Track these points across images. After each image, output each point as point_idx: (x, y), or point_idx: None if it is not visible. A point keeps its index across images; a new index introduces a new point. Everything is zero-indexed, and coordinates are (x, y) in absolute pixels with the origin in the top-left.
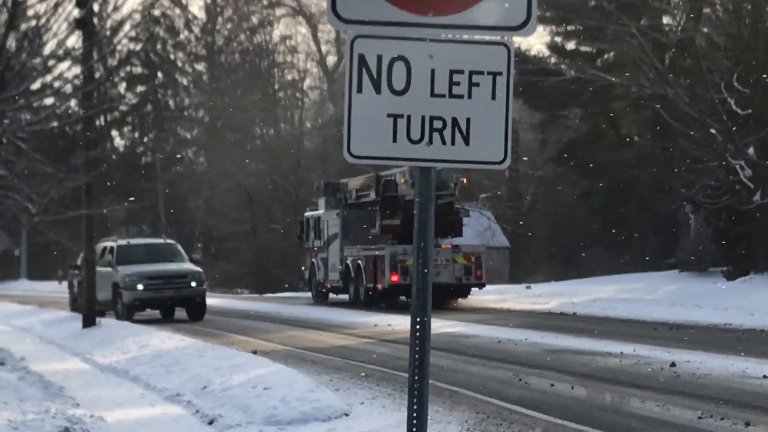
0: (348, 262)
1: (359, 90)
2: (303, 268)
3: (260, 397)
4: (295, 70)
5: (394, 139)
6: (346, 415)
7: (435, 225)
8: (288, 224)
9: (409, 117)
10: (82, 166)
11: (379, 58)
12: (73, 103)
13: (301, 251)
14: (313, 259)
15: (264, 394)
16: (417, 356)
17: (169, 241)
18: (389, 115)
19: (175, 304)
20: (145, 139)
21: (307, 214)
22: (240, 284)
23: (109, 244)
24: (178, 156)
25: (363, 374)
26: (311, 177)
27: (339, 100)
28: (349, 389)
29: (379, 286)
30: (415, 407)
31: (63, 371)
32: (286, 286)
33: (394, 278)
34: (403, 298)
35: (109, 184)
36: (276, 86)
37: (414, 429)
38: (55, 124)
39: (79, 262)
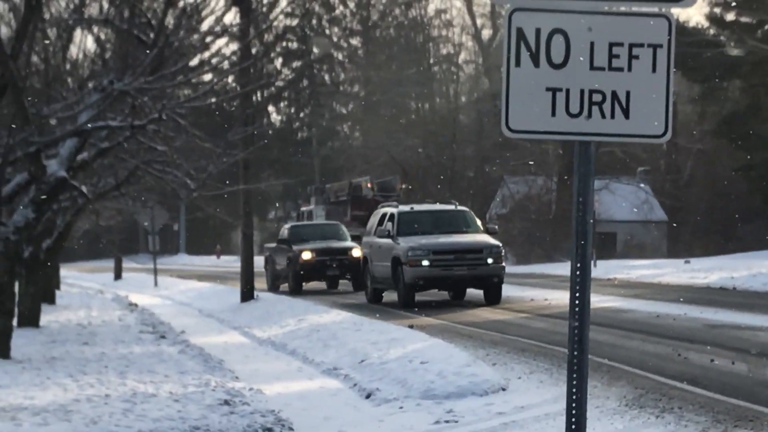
0: None
1: (517, 64)
2: None
3: (417, 372)
4: (450, 44)
5: (553, 113)
6: (503, 389)
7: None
8: (443, 199)
9: (567, 91)
10: (240, 142)
11: (538, 31)
12: (230, 79)
13: None
14: None
15: (421, 369)
16: (577, 331)
17: (461, 207)
18: (548, 89)
19: (467, 285)
20: (301, 115)
21: (303, 208)
22: None
23: (389, 210)
24: (334, 131)
25: (520, 348)
26: (467, 152)
27: (494, 74)
28: (506, 363)
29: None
30: (574, 382)
31: (222, 344)
32: None
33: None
34: None
35: (265, 159)
36: (431, 60)
37: (574, 403)
38: (213, 100)
39: (282, 235)
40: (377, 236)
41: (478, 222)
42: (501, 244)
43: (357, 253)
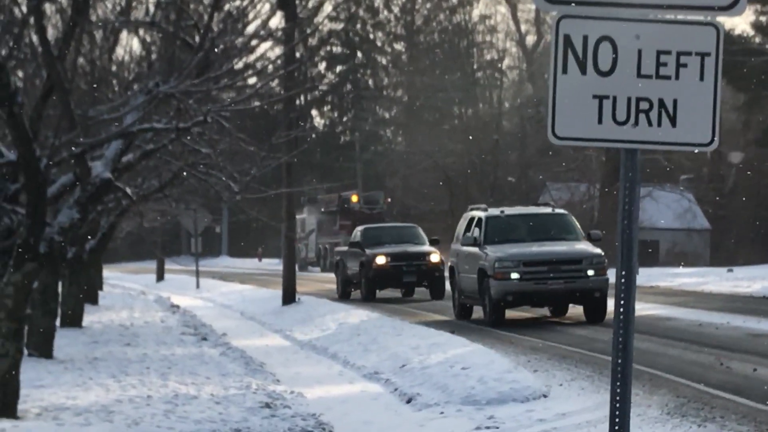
0: (320, 246)
1: (564, 71)
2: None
3: (458, 377)
4: (494, 49)
5: (599, 121)
6: (545, 396)
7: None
8: (487, 204)
9: (614, 98)
10: (283, 145)
11: (585, 39)
12: (274, 82)
13: None
14: (299, 244)
15: (462, 374)
16: (621, 339)
17: (559, 211)
18: (594, 96)
19: (564, 301)
20: (345, 119)
21: (298, 216)
22: None
23: (477, 214)
24: (377, 135)
25: (561, 355)
26: (509, 157)
27: (538, 80)
28: (548, 370)
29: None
30: (618, 389)
31: (263, 347)
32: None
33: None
34: None
35: (308, 163)
36: (474, 66)
37: (617, 411)
38: (257, 103)
39: (355, 238)
40: (463, 244)
41: (578, 227)
42: (603, 254)
43: (435, 258)
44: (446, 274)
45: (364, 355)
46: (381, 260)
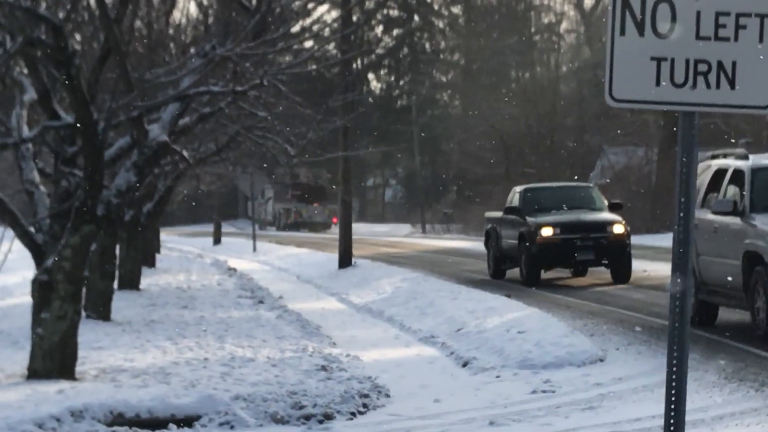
0: (276, 210)
1: (622, 32)
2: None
3: (514, 341)
4: (552, 12)
5: (657, 83)
6: (601, 360)
7: None
8: (544, 169)
9: (672, 60)
10: (340, 109)
11: (643, 1)
12: (331, 46)
13: None
14: (259, 209)
15: (518, 338)
16: (678, 302)
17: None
18: (652, 59)
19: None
20: (401, 82)
21: (263, 187)
22: None
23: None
24: (434, 99)
25: (618, 319)
26: (566, 121)
27: (596, 43)
28: (604, 334)
29: (289, 221)
30: (675, 354)
31: (319, 310)
32: None
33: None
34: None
35: (365, 126)
36: (532, 29)
37: (674, 375)
38: (314, 67)
39: (512, 201)
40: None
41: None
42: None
43: (619, 228)
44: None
45: (420, 318)
46: (547, 232)
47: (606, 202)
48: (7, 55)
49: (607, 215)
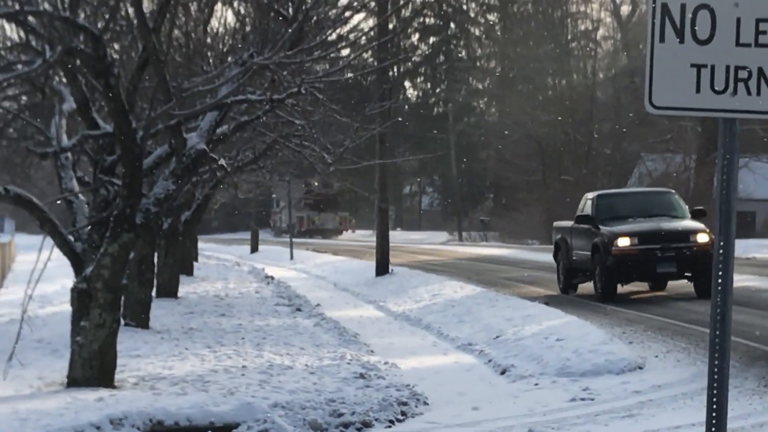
0: (292, 218)
1: (662, 39)
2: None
3: (552, 348)
4: (589, 20)
5: (698, 90)
6: (640, 368)
7: None
8: (581, 176)
9: (713, 67)
10: (376, 117)
11: (683, 7)
12: (367, 54)
13: None
14: (274, 217)
15: (556, 346)
16: (719, 310)
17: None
18: (692, 65)
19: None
20: (438, 90)
21: (274, 196)
22: (530, 235)
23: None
24: (470, 107)
25: (657, 327)
26: (603, 128)
27: (632, 50)
28: (643, 342)
29: (303, 228)
30: (716, 362)
31: (357, 318)
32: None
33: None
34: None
35: (401, 134)
36: (568, 36)
37: (715, 383)
38: (350, 74)
39: (584, 209)
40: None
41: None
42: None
43: (704, 237)
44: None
45: (457, 326)
46: (624, 242)
47: (687, 209)
48: (47, 64)
49: (690, 223)
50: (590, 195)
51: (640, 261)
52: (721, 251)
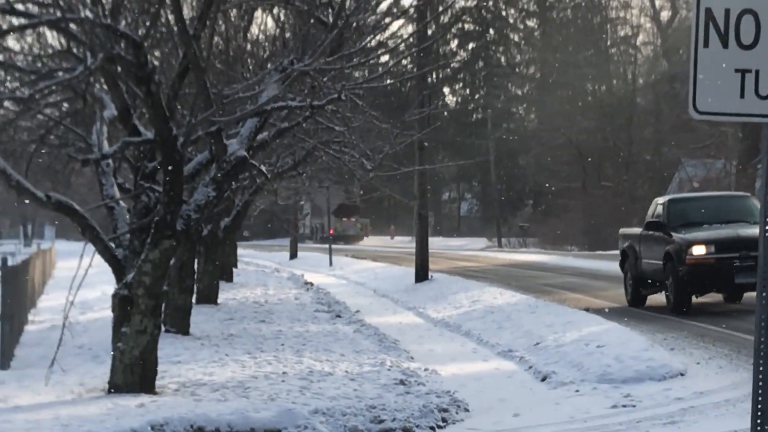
0: (313, 225)
1: (705, 44)
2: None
3: (593, 355)
4: (628, 25)
5: (742, 95)
6: (682, 374)
7: None
8: (621, 182)
9: (757, 72)
10: (416, 123)
11: (727, 12)
12: (406, 60)
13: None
14: (298, 224)
15: (597, 352)
16: (763, 317)
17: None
18: (736, 71)
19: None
20: (477, 96)
21: (302, 203)
22: (570, 241)
23: (660, 199)
24: (509, 112)
25: (698, 333)
26: (643, 134)
27: (673, 55)
28: (684, 349)
29: (325, 235)
30: (761, 368)
31: (397, 324)
32: None
33: (332, 232)
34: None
35: (440, 140)
36: (608, 42)
37: (760, 390)
38: (390, 81)
39: (655, 214)
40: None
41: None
42: None
43: None
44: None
45: (497, 332)
46: (699, 250)
47: None
48: (88, 71)
49: None
50: (661, 199)
51: (717, 271)
52: (765, 257)
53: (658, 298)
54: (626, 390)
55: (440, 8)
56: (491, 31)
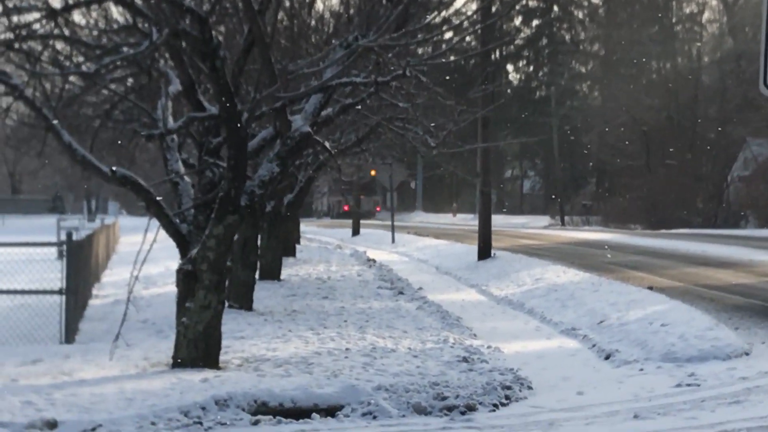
0: (329, 202)
1: None
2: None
3: (657, 334)
4: (694, 2)
5: None
6: (747, 354)
7: None
8: (685, 160)
9: None
10: (479, 100)
11: None
12: (470, 37)
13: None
14: (316, 202)
15: (661, 331)
16: None
17: None
18: None
19: None
20: (540, 74)
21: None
22: (633, 220)
23: None
24: (573, 90)
25: (764, 313)
26: (708, 112)
27: (739, 33)
28: (749, 328)
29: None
30: None
31: (459, 302)
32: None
33: (346, 208)
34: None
35: (503, 117)
36: (673, 19)
37: None
38: (454, 57)
39: None
40: None
41: None
42: None
43: None
44: None
45: (560, 310)
46: None
47: None
48: (153, 46)
49: None
50: None
51: None
52: None
53: (723, 277)
54: (690, 369)
55: None
56: (555, 7)
